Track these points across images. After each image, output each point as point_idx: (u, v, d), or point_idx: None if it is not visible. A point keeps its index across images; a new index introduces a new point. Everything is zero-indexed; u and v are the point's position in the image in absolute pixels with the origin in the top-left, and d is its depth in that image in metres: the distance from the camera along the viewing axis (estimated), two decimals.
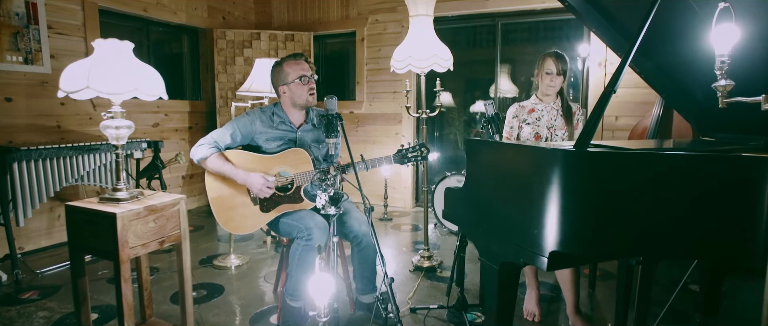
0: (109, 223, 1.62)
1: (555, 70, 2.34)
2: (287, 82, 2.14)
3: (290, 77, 2.14)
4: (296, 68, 2.14)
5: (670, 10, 1.82)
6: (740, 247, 1.28)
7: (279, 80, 2.17)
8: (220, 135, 2.13)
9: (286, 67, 2.15)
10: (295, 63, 2.15)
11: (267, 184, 2.06)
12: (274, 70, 2.20)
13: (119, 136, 1.76)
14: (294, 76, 2.13)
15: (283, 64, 2.16)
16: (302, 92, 2.15)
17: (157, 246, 1.78)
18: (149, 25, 4.16)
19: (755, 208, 1.26)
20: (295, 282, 2.07)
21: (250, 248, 3.47)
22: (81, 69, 1.60)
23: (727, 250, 1.29)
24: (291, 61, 2.15)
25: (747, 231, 1.27)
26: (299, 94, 2.15)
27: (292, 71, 2.14)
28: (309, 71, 2.16)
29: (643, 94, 3.77)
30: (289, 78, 2.14)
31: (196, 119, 4.63)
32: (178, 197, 1.87)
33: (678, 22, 1.86)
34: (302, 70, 2.14)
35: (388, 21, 4.72)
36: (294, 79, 2.13)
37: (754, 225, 1.26)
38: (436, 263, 3.10)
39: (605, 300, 2.57)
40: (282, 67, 2.16)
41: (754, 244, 1.26)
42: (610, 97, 1.37)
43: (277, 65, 2.19)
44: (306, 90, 2.14)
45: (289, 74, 2.14)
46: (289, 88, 2.15)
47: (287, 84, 2.15)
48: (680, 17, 1.84)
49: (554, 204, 1.35)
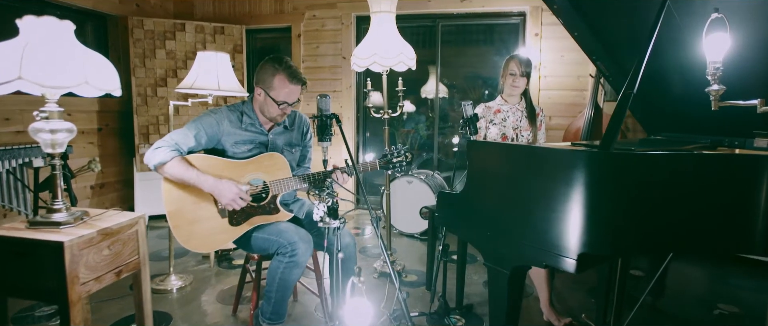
0: (52, 255, 1.26)
1: (518, 72, 2.41)
2: (268, 92, 1.87)
3: (273, 92, 1.86)
4: (284, 91, 1.86)
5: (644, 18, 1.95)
6: (742, 239, 1.38)
7: (262, 82, 1.89)
8: (181, 136, 1.80)
9: (278, 80, 1.85)
10: (289, 84, 1.86)
11: (240, 194, 1.79)
12: (265, 66, 1.89)
13: (56, 142, 1.39)
14: (278, 95, 1.86)
15: (278, 74, 1.85)
16: (274, 112, 1.90)
17: (114, 278, 1.44)
18: (45, 8, 3.47)
19: (753, 203, 1.37)
20: (276, 303, 1.83)
21: (190, 265, 3.05)
22: (7, 55, 1.22)
23: (731, 242, 1.39)
24: (287, 78, 1.85)
25: (746, 223, 1.37)
26: (270, 111, 1.90)
27: (280, 90, 1.86)
28: (294, 100, 1.90)
29: (573, 96, 4.08)
30: (272, 92, 1.86)
31: (107, 119, 3.98)
32: (135, 215, 1.53)
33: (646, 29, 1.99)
34: (288, 97, 1.88)
35: (326, 17, 4.52)
36: (276, 98, 1.86)
37: (753, 218, 1.37)
38: (400, 268, 3.01)
39: (566, 292, 2.70)
40: (275, 77, 1.86)
41: (752, 236, 1.37)
42: (631, 98, 1.39)
43: (271, 66, 1.87)
44: (278, 112, 1.90)
45: (275, 88, 1.86)
46: (265, 98, 1.89)
47: (267, 93, 1.87)
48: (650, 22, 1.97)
49: (583, 206, 1.33)
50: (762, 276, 2.97)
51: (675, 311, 2.48)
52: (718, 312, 2.47)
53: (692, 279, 2.97)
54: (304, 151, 2.17)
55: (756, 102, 1.40)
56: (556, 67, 4.09)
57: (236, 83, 2.68)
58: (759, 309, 2.50)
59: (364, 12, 4.40)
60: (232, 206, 1.80)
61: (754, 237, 1.37)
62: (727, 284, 2.87)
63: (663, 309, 2.48)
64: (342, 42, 4.49)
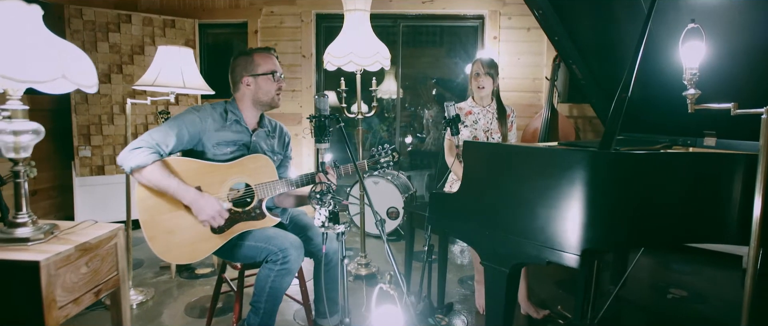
0: (24, 278, 1.09)
1: (482, 72, 2.43)
2: (256, 73, 1.80)
3: (260, 69, 1.80)
4: (268, 61, 1.83)
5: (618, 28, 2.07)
6: (721, 229, 1.51)
7: (245, 70, 1.81)
8: (161, 135, 1.64)
9: (257, 57, 1.82)
10: (267, 56, 1.84)
11: (221, 213, 1.67)
12: (238, 59, 1.83)
13: (20, 145, 1.21)
14: (265, 68, 1.81)
15: (253, 54, 1.82)
16: (270, 88, 1.83)
17: (93, 298, 1.28)
18: None
19: (730, 196, 1.50)
20: (265, 314, 1.73)
21: (148, 277, 2.81)
22: None
23: (712, 233, 1.51)
24: (263, 53, 1.84)
25: (725, 215, 1.50)
26: (267, 89, 1.82)
27: (264, 63, 1.81)
28: (280, 69, 1.87)
29: (529, 97, 4.27)
30: (259, 69, 1.80)
31: (37, 119, 3.51)
32: (114, 227, 1.37)
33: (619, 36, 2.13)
34: (274, 66, 1.85)
35: (285, 14, 4.36)
36: (265, 71, 1.80)
37: (730, 210, 1.50)
38: (375, 270, 2.98)
39: (536, 286, 2.80)
40: (252, 57, 1.82)
41: (730, 226, 1.51)
42: (625, 101, 1.46)
43: (243, 55, 1.83)
44: (275, 87, 1.84)
45: (260, 65, 1.81)
46: (255, 81, 1.80)
47: (255, 75, 1.80)
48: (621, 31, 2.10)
49: (586, 203, 1.39)
50: (694, 261, 3.28)
51: (635, 298, 2.67)
52: (671, 296, 2.70)
53: (644, 267, 3.22)
54: (285, 161, 2.07)
55: (730, 105, 1.53)
56: (513, 69, 4.25)
57: (201, 80, 2.51)
58: (701, 291, 2.76)
59: (324, 9, 4.31)
60: (210, 223, 1.68)
61: (731, 227, 1.50)
62: (672, 270, 3.14)
63: (625, 297, 2.66)
64: (302, 40, 4.36)
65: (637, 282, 2.90)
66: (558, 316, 2.37)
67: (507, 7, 4.17)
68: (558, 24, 2.00)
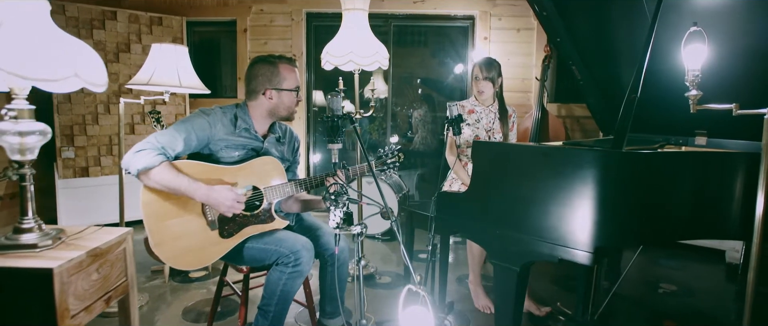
0: (36, 286, 1.03)
1: (481, 76, 2.46)
2: (280, 87, 1.77)
3: (286, 84, 1.77)
4: (293, 76, 1.80)
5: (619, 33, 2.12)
6: (723, 225, 1.56)
7: (269, 82, 1.76)
8: (168, 139, 1.58)
9: (284, 70, 1.77)
10: (292, 69, 1.81)
11: (237, 198, 1.63)
12: (261, 68, 1.77)
13: (25, 146, 1.15)
14: (291, 84, 1.79)
15: (279, 65, 1.77)
16: (291, 104, 1.81)
17: (103, 306, 1.23)
18: None
19: (731, 193, 1.56)
20: (275, 318, 1.70)
21: (140, 282, 2.72)
22: None
23: (715, 229, 1.56)
24: (287, 65, 1.80)
25: (728, 212, 1.55)
26: (288, 105, 1.81)
27: (290, 77, 1.79)
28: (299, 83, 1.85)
29: (519, 97, 4.32)
30: (285, 84, 1.77)
31: None
32: (122, 231, 1.32)
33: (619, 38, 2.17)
34: (297, 81, 1.82)
35: (275, 12, 4.30)
36: (290, 88, 1.78)
37: (733, 206, 1.55)
38: (373, 270, 2.97)
39: (533, 283, 2.83)
40: (278, 69, 1.76)
41: (732, 222, 1.56)
42: (635, 102, 1.49)
43: (267, 64, 1.77)
44: (295, 102, 1.83)
45: (285, 79, 1.77)
46: (279, 96, 1.77)
47: (280, 90, 1.76)
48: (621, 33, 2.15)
49: (600, 202, 1.41)
50: (679, 256, 3.39)
51: (629, 293, 2.74)
52: (662, 290, 2.78)
53: (634, 263, 3.30)
54: (293, 166, 2.04)
55: (731, 106, 1.58)
56: (503, 69, 4.21)
57: (197, 79, 2.45)
58: (688, 285, 2.85)
59: (315, 8, 4.26)
60: (230, 212, 1.64)
61: (733, 223, 1.55)
62: (660, 265, 3.23)
63: (619, 293, 2.72)
64: (292, 39, 4.30)
65: (629, 278, 2.97)
66: (559, 313, 2.40)
67: (497, 8, 4.21)
68: (561, 25, 2.03)
